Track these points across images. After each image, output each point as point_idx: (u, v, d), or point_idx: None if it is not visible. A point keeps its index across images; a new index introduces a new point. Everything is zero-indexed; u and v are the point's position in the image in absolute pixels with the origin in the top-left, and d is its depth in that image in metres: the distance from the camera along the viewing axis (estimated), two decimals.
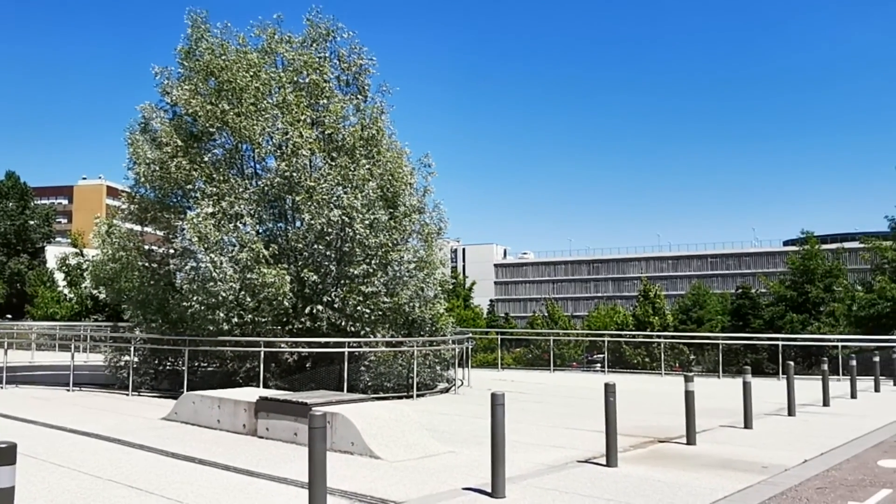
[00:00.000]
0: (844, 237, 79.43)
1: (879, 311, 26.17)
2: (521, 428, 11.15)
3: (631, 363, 27.30)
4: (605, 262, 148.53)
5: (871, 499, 6.83)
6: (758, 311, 47.22)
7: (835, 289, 36.95)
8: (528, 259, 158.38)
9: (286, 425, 10.01)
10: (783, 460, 8.74)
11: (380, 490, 7.14)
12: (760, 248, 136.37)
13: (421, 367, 16.23)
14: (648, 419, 12.56)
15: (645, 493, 7.03)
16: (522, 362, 28.55)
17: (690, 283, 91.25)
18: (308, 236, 15.74)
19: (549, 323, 45.19)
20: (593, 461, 8.60)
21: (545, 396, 16.96)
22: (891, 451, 9.58)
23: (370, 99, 17.82)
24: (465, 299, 64.34)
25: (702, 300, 69.02)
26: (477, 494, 6.92)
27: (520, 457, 8.76)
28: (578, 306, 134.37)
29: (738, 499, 6.83)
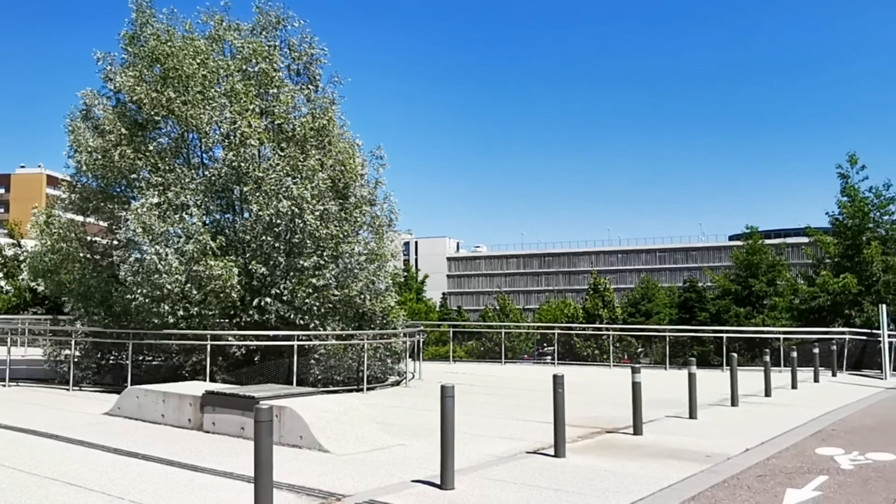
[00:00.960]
0: (787, 232, 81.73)
1: (820, 305, 26.88)
2: (472, 420, 11.18)
3: (581, 355, 27.63)
4: (557, 255, 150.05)
5: (809, 485, 7.01)
6: (704, 304, 48.25)
7: (778, 282, 37.91)
8: (481, 252, 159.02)
9: (233, 419, 9.85)
10: (726, 449, 8.93)
11: (328, 483, 7.08)
12: (707, 242, 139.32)
13: (372, 361, 16.14)
14: (597, 410, 12.71)
15: (592, 482, 7.10)
16: (474, 355, 28.65)
17: (639, 277, 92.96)
18: (256, 227, 15.49)
19: (501, 316, 45.33)
20: (542, 452, 8.66)
21: (496, 388, 17.05)
22: (828, 439, 9.87)
23: (321, 89, 17.61)
24: (417, 292, 64.32)
25: (650, 293, 70.23)
26: (426, 486, 6.91)
27: (470, 448, 8.77)
28: (530, 299, 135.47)
29: (683, 487, 6.95)
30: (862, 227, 27.17)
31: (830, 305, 26.55)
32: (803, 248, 32.30)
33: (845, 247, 27.68)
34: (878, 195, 27.20)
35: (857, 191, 27.43)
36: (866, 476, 7.46)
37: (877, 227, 27.44)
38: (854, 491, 6.79)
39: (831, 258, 28.32)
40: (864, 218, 27.16)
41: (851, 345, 23.66)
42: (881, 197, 27.18)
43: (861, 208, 27.07)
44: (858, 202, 27.20)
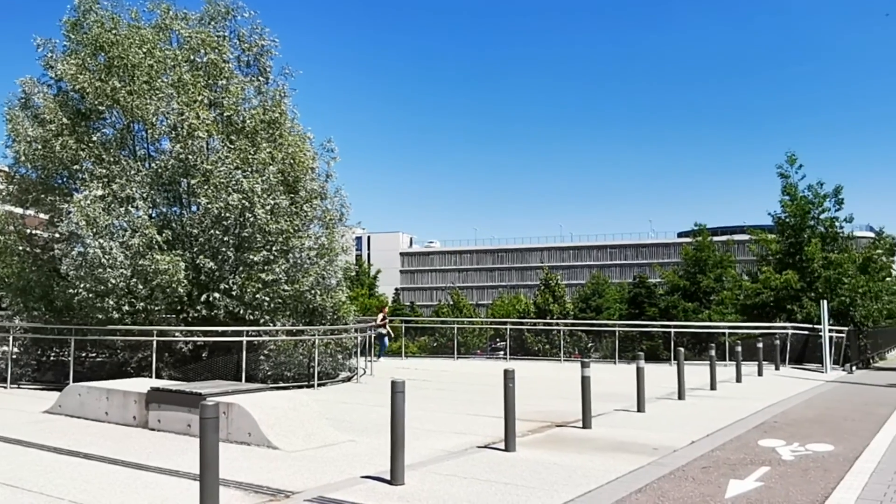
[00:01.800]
0: (734, 230, 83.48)
1: (764, 300, 27.54)
2: (423, 415, 11.16)
3: (532, 350, 27.84)
4: (510, 251, 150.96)
5: (751, 476, 7.17)
6: (653, 299, 49.12)
7: (724, 278, 38.78)
8: (435, 248, 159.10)
9: (179, 416, 9.65)
10: (672, 442, 9.07)
11: (276, 480, 6.98)
12: (657, 239, 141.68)
13: (322, 356, 15.98)
14: (547, 404, 12.82)
15: (541, 475, 7.15)
16: (427, 350, 28.64)
17: (590, 273, 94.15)
18: (205, 221, 15.17)
19: (454, 311, 45.52)
20: (492, 446, 8.68)
21: (448, 384, 17.07)
22: (770, 431, 10.11)
23: (272, 81, 17.31)
24: (370, 288, 64.12)
25: (601, 289, 71.27)
26: (376, 482, 6.87)
27: (420, 444, 8.75)
28: (483, 295, 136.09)
29: (630, 479, 7.03)
30: (802, 224, 27.94)
31: (773, 301, 27.24)
32: (748, 245, 33.00)
33: (787, 244, 28.43)
34: (816, 194, 28.01)
35: (796, 189, 28.20)
36: (806, 466, 7.67)
37: (816, 225, 28.24)
38: (794, 481, 6.96)
39: (774, 255, 29.05)
40: (805, 216, 27.93)
41: (794, 339, 24.33)
42: (817, 194, 27.99)
43: (801, 207, 27.83)
44: (798, 201, 27.96)
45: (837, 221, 28.24)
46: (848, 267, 26.60)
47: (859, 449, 8.67)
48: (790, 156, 28.34)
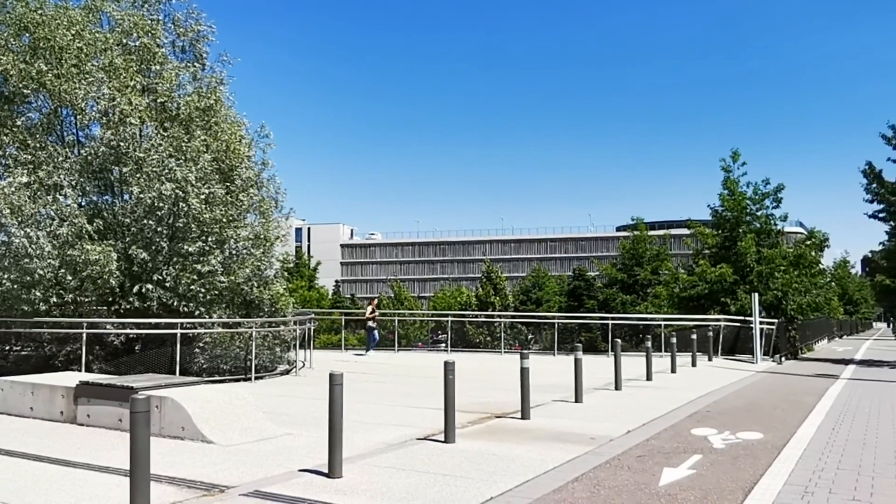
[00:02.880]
0: (671, 224, 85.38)
1: (699, 293, 28.17)
2: (362, 408, 11.09)
3: (473, 342, 27.98)
4: (452, 244, 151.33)
5: (684, 464, 7.31)
6: (592, 292, 49.95)
7: (661, 271, 39.59)
8: (376, 240, 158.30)
9: (110, 411, 9.35)
10: (609, 431, 9.21)
11: (211, 475, 6.82)
12: (596, 233, 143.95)
13: (260, 349, 15.71)
14: (487, 396, 12.87)
15: (480, 466, 7.16)
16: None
17: (531, 266, 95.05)
18: (137, 211, 14.72)
19: (396, 303, 45.40)
20: (432, 438, 8.66)
21: (388, 376, 17.00)
22: (703, 420, 10.35)
23: (208, 68, 16.88)
24: (309, 280, 63.46)
25: (541, 282, 72.01)
26: (313, 475, 6.77)
27: (360, 437, 8.68)
28: (425, 287, 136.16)
29: (567, 469, 7.10)
30: (739, 219, 28.67)
31: (708, 294, 27.90)
32: (685, 239, 33.81)
33: (723, 238, 29.15)
34: (756, 191, 28.77)
35: (736, 185, 28.88)
36: (736, 454, 7.86)
37: (753, 221, 29.02)
38: (725, 468, 7.13)
39: (710, 249, 29.76)
40: (742, 211, 28.67)
41: (727, 331, 25.00)
42: (758, 192, 28.77)
43: (739, 202, 28.55)
44: (737, 196, 28.67)
45: (773, 219, 29.09)
46: (780, 262, 27.44)
47: (787, 437, 8.94)
48: (734, 152, 29.01)
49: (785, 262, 27.59)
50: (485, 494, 6.13)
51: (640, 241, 41.78)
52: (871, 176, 24.16)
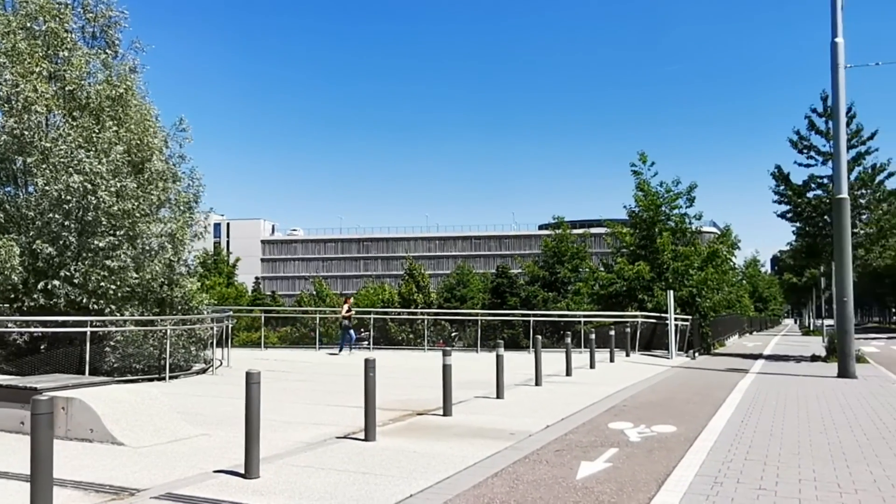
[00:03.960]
0: (592, 223, 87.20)
1: (617, 290, 28.87)
2: (282, 407, 10.91)
3: (396, 340, 27.88)
4: (375, 240, 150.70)
5: (601, 458, 7.45)
6: (514, 289, 50.50)
7: (581, 269, 40.41)
8: (298, 236, 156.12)
9: (10, 413, 8.87)
10: (528, 427, 9.30)
11: (120, 478, 6.54)
12: (519, 231, 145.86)
13: (175, 348, 15.21)
14: (409, 393, 12.83)
15: (400, 464, 7.11)
16: (288, 341, 28.05)
17: (455, 263, 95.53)
18: (43, 203, 14.01)
19: (318, 301, 44.82)
20: (352, 437, 8.56)
21: (309, 375, 16.76)
22: (620, 414, 10.58)
23: (121, 55, 16.22)
24: (228, 276, 62.07)
25: (465, 279, 72.47)
26: (229, 476, 6.58)
27: (278, 436, 8.51)
28: (348, 284, 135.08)
29: (487, 464, 7.12)
30: (655, 219, 29.51)
31: (626, 291, 28.62)
32: (605, 237, 34.53)
33: (640, 237, 29.95)
34: (668, 191, 29.68)
35: (649, 186, 29.74)
36: (651, 447, 8.05)
37: (667, 220, 29.92)
38: (640, 461, 7.29)
39: (628, 248, 30.53)
40: (657, 211, 29.51)
41: (644, 327, 25.68)
42: (670, 192, 29.68)
43: (653, 202, 29.38)
44: (651, 196, 29.51)
45: (688, 217, 30.05)
46: (694, 259, 28.37)
47: (699, 429, 9.22)
48: (642, 154, 29.86)
49: (699, 260, 28.54)
50: (404, 492, 6.08)
51: (562, 239, 42.48)
52: (779, 178, 25.25)
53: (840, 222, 17.21)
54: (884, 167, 23.82)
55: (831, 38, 17.53)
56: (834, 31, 17.48)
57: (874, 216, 24.73)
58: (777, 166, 25.29)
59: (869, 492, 6.08)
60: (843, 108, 17.94)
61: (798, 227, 26.33)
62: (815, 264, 32.84)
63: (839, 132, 17.63)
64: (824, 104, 23.77)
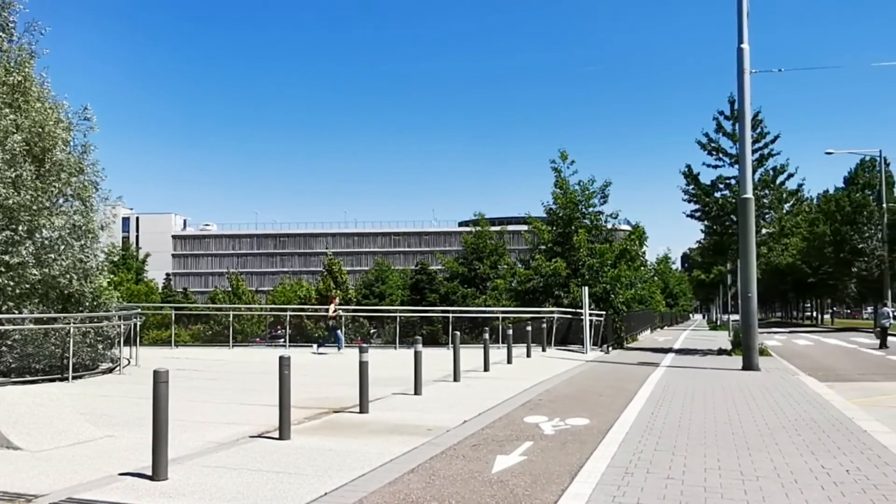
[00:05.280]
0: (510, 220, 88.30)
1: (535, 286, 29.32)
2: (193, 407, 10.61)
3: (314, 337, 27.56)
4: (292, 236, 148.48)
5: (516, 451, 7.53)
6: (434, 285, 50.64)
7: (500, 266, 40.87)
8: (211, 231, 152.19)
9: None
10: (446, 422, 9.32)
11: (17, 484, 6.20)
12: (439, 227, 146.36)
13: (80, 346, 14.54)
14: (325, 391, 12.68)
15: (315, 462, 7.00)
16: (201, 339, 27.30)
17: (374, 259, 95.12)
18: None
19: (233, 298, 43.81)
20: (266, 435, 8.39)
21: (222, 373, 16.36)
22: (535, 408, 10.73)
23: (16, 40, 15.27)
24: (137, 272, 60.05)
25: (384, 275, 72.23)
26: (135, 479, 6.34)
27: (189, 436, 8.27)
28: (264, 281, 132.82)
29: (404, 460, 7.10)
30: (572, 216, 30.10)
31: (543, 287, 29.10)
32: (523, 234, 35.00)
33: (557, 234, 30.49)
34: (585, 189, 30.32)
35: (567, 183, 30.31)
36: (565, 440, 8.20)
37: (583, 218, 30.57)
38: (554, 454, 7.41)
39: (546, 244, 31.04)
40: (574, 208, 30.11)
41: (560, 322, 26.18)
42: (587, 190, 30.33)
43: (571, 199, 29.97)
44: (569, 194, 30.08)
45: (603, 215, 30.77)
46: (608, 256, 29.08)
47: (611, 422, 9.44)
48: (562, 152, 30.42)
49: (612, 257, 29.29)
50: (319, 490, 5.99)
51: (481, 236, 42.83)
52: (689, 178, 26.14)
53: (745, 221, 17.94)
54: (784, 168, 24.99)
55: (737, 44, 18.25)
56: (740, 38, 18.20)
57: (776, 216, 25.91)
58: (687, 166, 26.20)
59: (769, 478, 6.35)
60: (749, 111, 18.71)
61: (706, 226, 27.33)
62: (721, 261, 34.13)
63: (744, 135, 18.38)
64: (731, 107, 24.75)
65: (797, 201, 26.21)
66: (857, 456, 7.26)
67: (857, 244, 54.81)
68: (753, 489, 6.00)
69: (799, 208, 26.56)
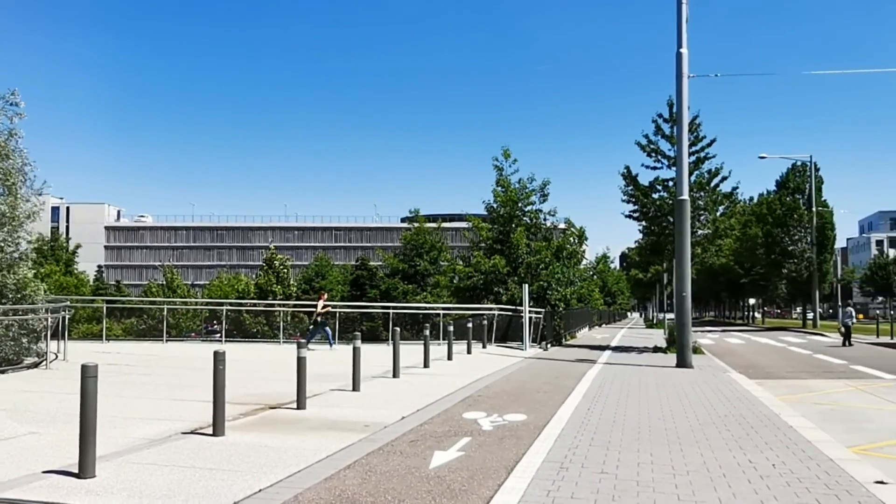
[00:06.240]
0: (452, 217, 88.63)
1: (475, 283, 29.45)
2: (124, 402, 10.32)
3: (251, 332, 27.18)
4: (231, 229, 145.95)
5: (454, 447, 7.54)
6: (374, 281, 50.47)
7: (440, 262, 40.93)
8: (146, 223, 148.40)
9: None
10: (384, 418, 9.28)
11: None
12: (380, 223, 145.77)
13: (2, 340, 13.99)
14: (262, 387, 12.50)
15: (250, 458, 6.88)
16: (134, 333, 26.60)
17: (315, 254, 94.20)
18: None
19: (168, 291, 42.79)
20: (200, 432, 8.21)
21: (156, 368, 15.97)
22: (474, 404, 10.77)
23: None
24: (67, 264, 58.15)
25: (324, 271, 71.61)
26: (60, 477, 6.12)
27: (119, 433, 8.04)
28: (201, 275, 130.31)
29: (340, 457, 7.04)
30: (512, 214, 30.32)
31: (483, 284, 29.25)
32: (464, 231, 35.13)
33: (498, 232, 30.69)
34: (524, 187, 30.59)
35: (509, 182, 30.53)
36: (502, 435, 8.25)
37: (523, 216, 30.83)
38: (491, 449, 7.44)
39: (486, 242, 31.21)
40: (514, 206, 30.34)
41: (500, 319, 26.35)
42: (526, 188, 30.60)
43: (512, 197, 30.19)
44: (510, 192, 30.30)
45: (542, 213, 31.07)
46: (546, 254, 29.39)
47: (548, 418, 9.54)
48: (505, 150, 30.61)
49: (549, 254, 29.62)
50: (253, 487, 5.89)
51: (422, 232, 42.81)
52: (628, 179, 26.59)
53: (681, 222, 18.36)
54: (719, 171, 25.63)
55: (677, 49, 18.64)
56: (679, 43, 18.59)
57: (711, 217, 26.58)
58: (626, 167, 26.64)
59: (699, 472, 6.51)
60: (687, 114, 19.14)
61: (644, 226, 27.83)
62: (658, 261, 34.92)
63: (682, 137, 18.79)
64: (670, 110, 25.26)
65: (731, 203, 26.90)
66: (782, 451, 7.50)
67: (787, 246, 56.79)
68: (683, 483, 6.14)
69: (733, 210, 27.26)
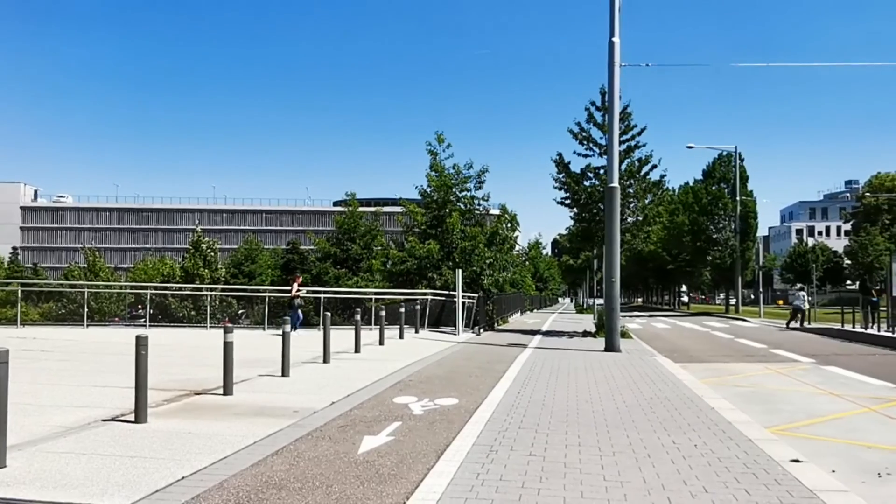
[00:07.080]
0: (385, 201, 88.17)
1: (408, 268, 29.41)
2: (40, 389, 9.94)
3: (177, 317, 26.54)
4: (156, 211, 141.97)
5: (384, 431, 7.49)
6: (306, 265, 49.82)
7: (373, 247, 40.68)
8: (66, 203, 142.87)
9: None
10: (313, 404, 9.16)
11: None
12: (312, 206, 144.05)
13: None
14: (188, 372, 12.19)
15: (173, 446, 6.69)
16: (52, 318, 25.62)
17: (244, 237, 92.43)
18: None
19: (89, 274, 41.28)
20: (121, 419, 7.94)
21: (75, 354, 15.42)
22: (405, 389, 10.74)
23: None
24: None
25: (254, 254, 70.37)
26: None
27: (33, 421, 7.72)
28: (125, 257, 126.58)
29: (268, 443, 6.91)
30: (446, 199, 30.35)
31: (417, 269, 29.24)
32: (398, 216, 35.01)
33: (431, 217, 30.68)
34: (459, 172, 30.66)
35: (443, 167, 30.54)
36: (433, 419, 8.24)
37: (457, 201, 30.91)
38: (422, 434, 7.42)
39: (420, 227, 31.17)
40: (448, 191, 30.38)
41: (433, 304, 26.39)
42: (461, 174, 30.68)
43: (446, 182, 30.21)
44: (444, 177, 30.31)
45: (476, 199, 31.21)
46: (480, 239, 29.55)
47: (479, 401, 9.58)
48: (439, 135, 30.63)
49: (483, 239, 29.80)
50: (176, 474, 5.72)
51: (353, 216, 42.43)
52: (560, 166, 26.89)
53: (611, 209, 18.67)
54: (648, 160, 26.16)
55: (609, 38, 18.88)
56: (611, 31, 18.83)
57: (640, 205, 27.13)
58: (559, 154, 26.92)
59: (625, 454, 6.63)
60: (618, 103, 19.43)
61: (575, 213, 28.21)
62: (589, 248, 35.45)
63: (613, 126, 19.08)
64: (603, 99, 25.60)
65: (660, 192, 27.51)
66: (704, 431, 7.72)
67: (712, 234, 58.62)
68: (610, 464, 6.24)
69: (661, 198, 27.88)
